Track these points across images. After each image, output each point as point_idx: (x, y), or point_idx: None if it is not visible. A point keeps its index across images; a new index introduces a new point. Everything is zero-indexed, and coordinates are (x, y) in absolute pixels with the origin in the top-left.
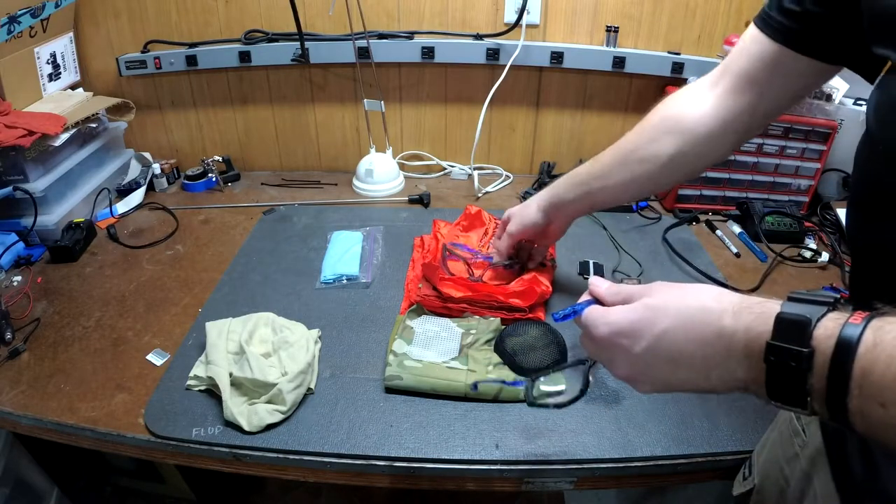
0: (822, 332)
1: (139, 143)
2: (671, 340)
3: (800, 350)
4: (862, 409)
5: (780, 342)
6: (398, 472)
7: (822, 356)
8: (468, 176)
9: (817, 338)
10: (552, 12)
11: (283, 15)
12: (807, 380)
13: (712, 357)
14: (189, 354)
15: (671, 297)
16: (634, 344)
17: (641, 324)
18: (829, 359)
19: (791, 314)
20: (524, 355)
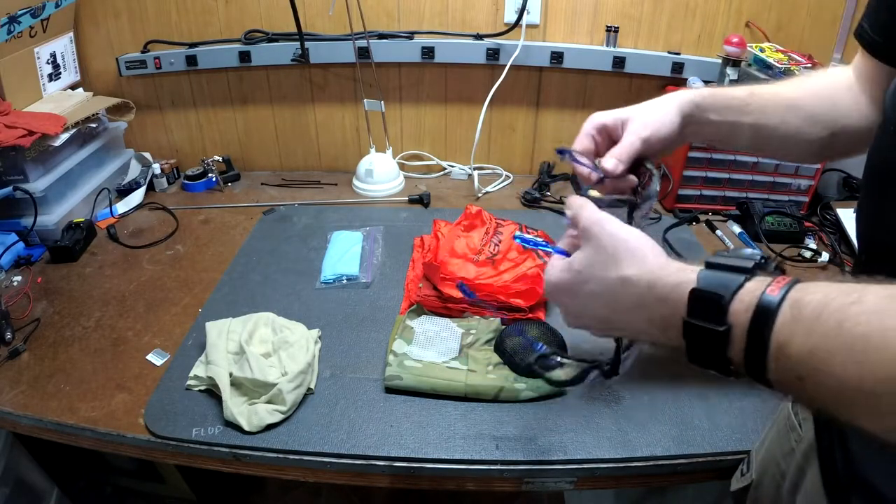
0: (738, 307)
1: (139, 143)
2: (598, 303)
3: (715, 328)
4: (780, 381)
5: (695, 319)
6: (398, 472)
7: (739, 330)
8: (468, 176)
9: (733, 312)
10: (552, 12)
11: (283, 15)
12: (726, 352)
13: (635, 322)
14: (189, 354)
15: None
16: (568, 303)
17: (572, 286)
18: (745, 333)
19: (705, 290)
20: (524, 355)
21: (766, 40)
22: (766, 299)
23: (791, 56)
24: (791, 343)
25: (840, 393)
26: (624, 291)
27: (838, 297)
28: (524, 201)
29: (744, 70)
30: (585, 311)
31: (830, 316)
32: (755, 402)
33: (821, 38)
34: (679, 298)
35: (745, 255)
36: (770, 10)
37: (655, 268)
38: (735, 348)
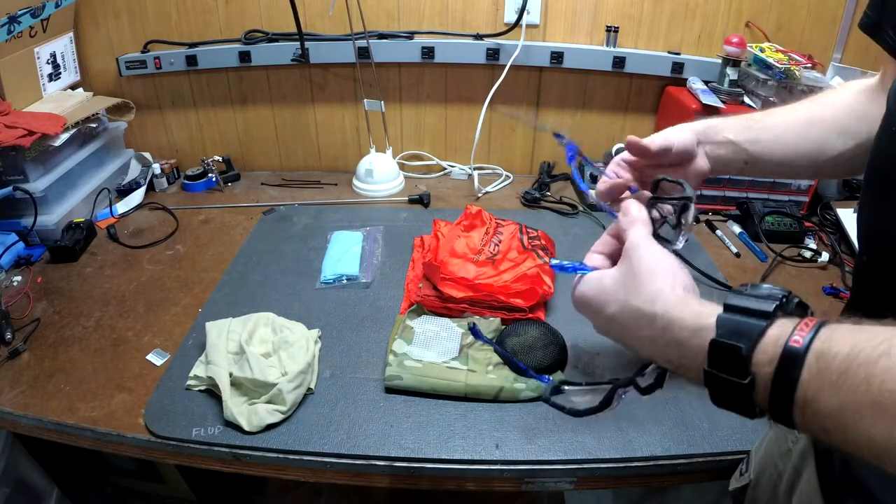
0: (761, 357)
1: (139, 143)
2: (618, 327)
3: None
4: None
5: (716, 370)
6: (398, 472)
7: (763, 381)
8: (468, 176)
9: (756, 363)
10: (552, 12)
11: (283, 15)
12: (750, 399)
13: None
14: (189, 354)
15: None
16: (595, 317)
17: (595, 303)
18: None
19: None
20: (524, 355)
21: (766, 40)
22: (790, 350)
23: (791, 56)
24: (818, 398)
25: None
26: (640, 323)
27: (865, 349)
28: (524, 201)
29: (744, 70)
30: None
31: (858, 370)
32: None
33: (821, 38)
34: (699, 346)
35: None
36: (770, 10)
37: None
38: (760, 395)
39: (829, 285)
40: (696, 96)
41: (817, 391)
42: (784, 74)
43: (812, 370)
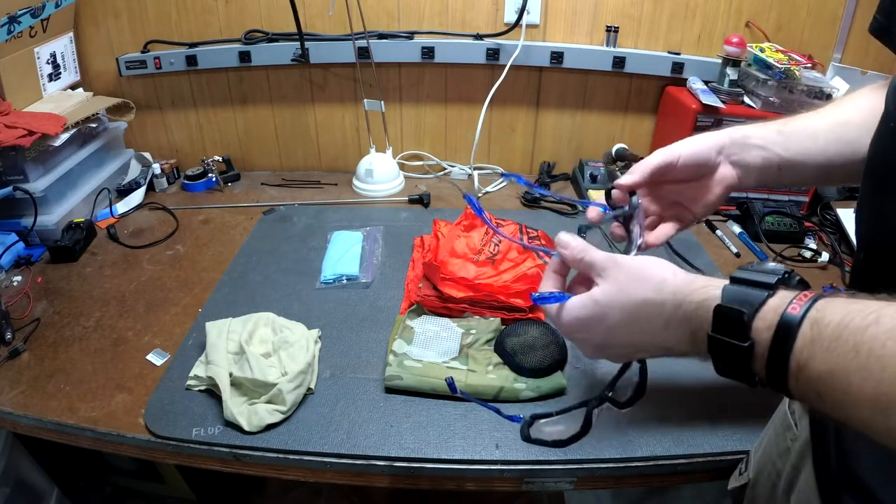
0: (760, 324)
1: (139, 143)
2: (622, 332)
3: (739, 344)
4: (801, 395)
5: (719, 335)
6: (398, 472)
7: (762, 347)
8: (468, 176)
9: (756, 329)
10: (552, 12)
11: (283, 15)
12: (750, 366)
13: (663, 342)
14: (189, 354)
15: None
16: (591, 336)
17: (592, 321)
18: (767, 350)
19: (729, 307)
20: (524, 355)
21: (766, 40)
22: (787, 317)
23: (791, 56)
24: (810, 363)
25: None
26: (649, 313)
27: (856, 318)
28: (524, 201)
29: (744, 70)
30: (609, 341)
31: (849, 337)
32: (755, 402)
33: (821, 38)
34: (705, 315)
35: (768, 270)
36: (770, 10)
37: (680, 286)
38: (758, 363)
39: (829, 285)
40: (696, 96)
41: (810, 357)
42: (784, 74)
43: (806, 337)
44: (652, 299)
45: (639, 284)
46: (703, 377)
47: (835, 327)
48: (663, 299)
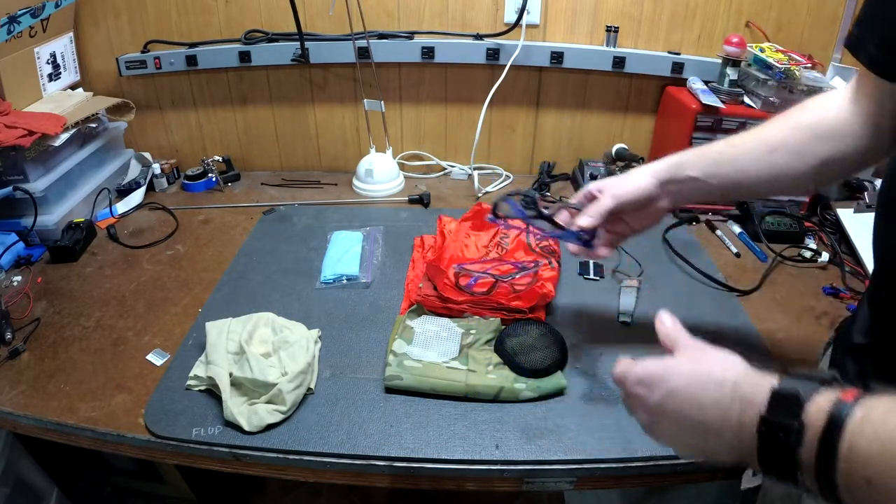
0: (813, 408)
1: (139, 143)
2: (677, 399)
3: (790, 423)
4: (849, 485)
5: (772, 416)
6: (398, 472)
7: (813, 430)
8: (468, 176)
9: (808, 413)
10: (552, 12)
11: (283, 15)
12: (797, 453)
13: (710, 423)
14: (189, 354)
15: (689, 361)
16: (650, 394)
17: (655, 378)
18: (819, 433)
19: (785, 389)
20: (524, 355)
21: (766, 40)
22: (840, 402)
23: (791, 56)
24: (859, 445)
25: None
26: (708, 385)
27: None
28: (524, 203)
29: (744, 70)
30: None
31: None
32: None
33: (821, 38)
34: (760, 398)
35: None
36: (770, 10)
37: (742, 371)
38: (806, 448)
39: (829, 285)
40: (696, 96)
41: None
42: (784, 74)
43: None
44: (715, 374)
45: (708, 361)
46: None
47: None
48: (725, 378)
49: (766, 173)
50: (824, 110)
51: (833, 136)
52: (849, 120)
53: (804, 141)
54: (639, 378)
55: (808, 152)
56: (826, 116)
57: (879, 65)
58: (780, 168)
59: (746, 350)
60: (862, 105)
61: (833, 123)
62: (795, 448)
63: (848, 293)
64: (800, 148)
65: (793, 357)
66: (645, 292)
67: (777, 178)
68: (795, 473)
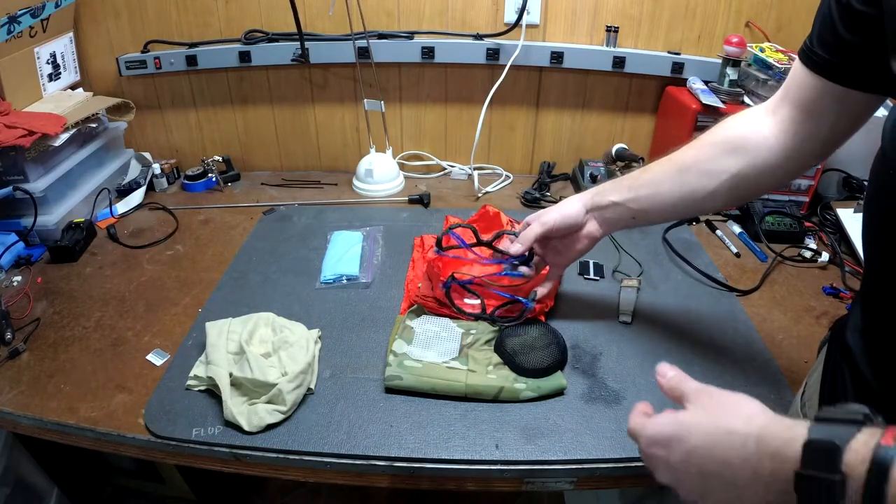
0: (852, 458)
1: (139, 143)
2: (700, 457)
3: (831, 479)
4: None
5: (809, 471)
6: (398, 472)
7: (855, 482)
8: (468, 176)
9: (848, 463)
10: (552, 12)
11: (283, 15)
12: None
13: (740, 479)
14: (189, 354)
15: (705, 414)
16: (669, 455)
17: (673, 439)
18: (863, 485)
19: (819, 440)
20: (524, 355)
21: (766, 40)
22: (882, 449)
23: (791, 56)
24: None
25: None
26: (730, 444)
27: None
28: (524, 201)
29: (744, 70)
30: (686, 466)
31: None
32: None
33: None
34: (792, 452)
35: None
36: (770, 10)
37: (765, 422)
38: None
39: (829, 285)
40: (696, 96)
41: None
42: (784, 74)
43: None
44: (738, 430)
45: (728, 414)
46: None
47: None
48: (748, 432)
49: (678, 192)
50: (739, 125)
51: (745, 149)
52: (764, 132)
53: (714, 157)
54: (653, 439)
55: (719, 168)
56: (740, 131)
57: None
58: (692, 186)
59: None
60: (783, 114)
61: (746, 137)
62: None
63: (848, 293)
64: (710, 165)
65: (793, 357)
66: (645, 292)
67: (690, 197)
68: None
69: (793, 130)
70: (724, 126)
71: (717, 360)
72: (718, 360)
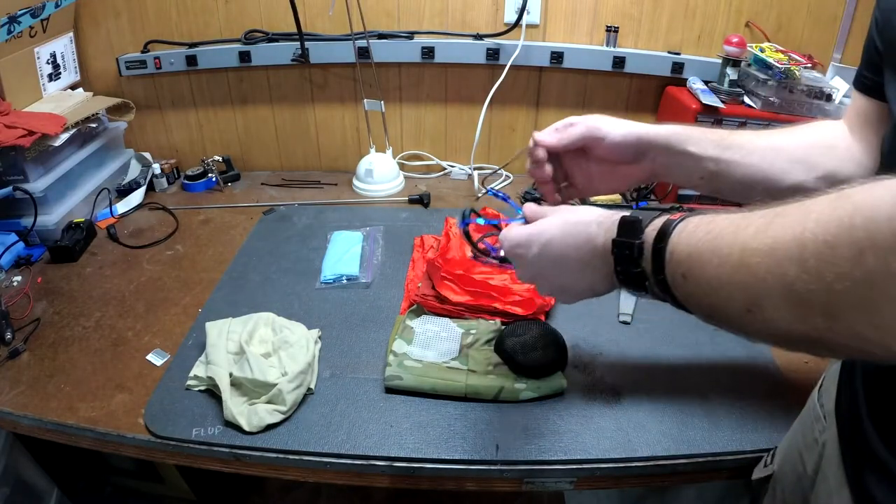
0: (650, 228)
1: (139, 143)
2: (555, 246)
3: (632, 241)
4: (674, 282)
5: (621, 237)
6: (398, 472)
7: (648, 245)
8: (468, 176)
9: (646, 232)
10: (552, 12)
11: (283, 15)
12: (639, 264)
13: (584, 258)
14: (189, 354)
15: (560, 214)
16: (528, 252)
17: (532, 236)
18: (651, 245)
19: (630, 218)
20: (524, 355)
21: (766, 40)
22: (668, 220)
23: (791, 56)
24: (677, 248)
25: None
26: (578, 227)
27: (720, 215)
28: (524, 201)
29: (744, 70)
30: (543, 257)
31: (708, 225)
32: (756, 402)
33: (821, 38)
34: (615, 227)
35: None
36: (770, 10)
37: (606, 213)
38: (646, 259)
39: None
40: (696, 96)
41: (677, 243)
42: (784, 74)
43: (678, 230)
44: (585, 219)
45: (577, 213)
46: (703, 377)
47: (698, 221)
48: (592, 219)
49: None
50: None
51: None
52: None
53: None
54: (515, 241)
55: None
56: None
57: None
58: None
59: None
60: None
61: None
62: (638, 259)
63: None
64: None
65: (793, 357)
66: None
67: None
68: (644, 283)
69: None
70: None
71: (718, 361)
72: (719, 361)
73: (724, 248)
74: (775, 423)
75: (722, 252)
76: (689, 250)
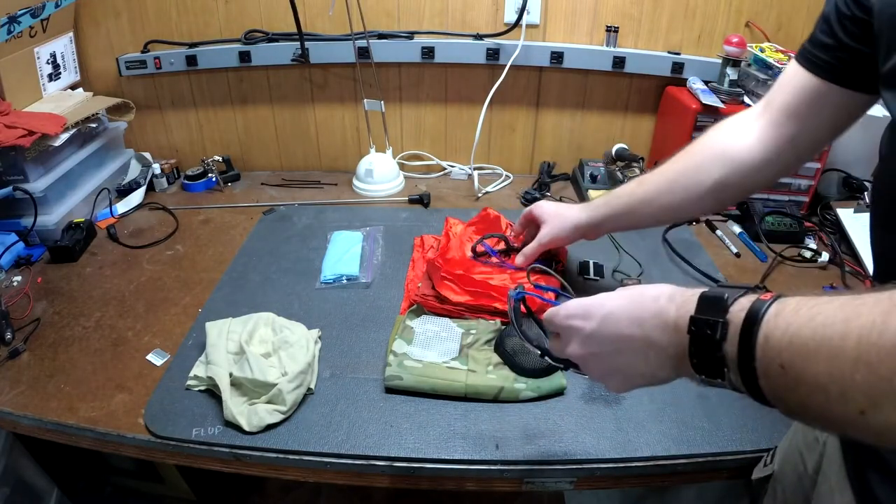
0: (735, 307)
1: (139, 143)
2: (616, 320)
3: (716, 320)
4: (766, 372)
5: (700, 315)
6: (398, 472)
7: (735, 326)
8: (468, 176)
9: (731, 311)
10: (552, 12)
11: (283, 15)
12: (721, 348)
13: (650, 335)
14: (189, 354)
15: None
16: (585, 325)
17: (592, 307)
18: (740, 327)
19: (712, 293)
20: (524, 355)
21: (766, 40)
22: (758, 302)
23: (791, 56)
24: (773, 335)
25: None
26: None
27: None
28: (524, 201)
29: (744, 70)
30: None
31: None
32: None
33: None
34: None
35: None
36: (770, 9)
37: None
38: (730, 342)
39: (829, 285)
40: (696, 96)
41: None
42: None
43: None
44: (651, 293)
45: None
46: None
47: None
48: (660, 292)
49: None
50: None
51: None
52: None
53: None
54: (572, 312)
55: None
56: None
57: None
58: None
59: None
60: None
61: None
62: (720, 343)
63: None
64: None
65: None
66: None
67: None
68: (723, 370)
69: (774, 134)
70: (711, 134)
71: None
72: None
73: (836, 339)
74: (775, 423)
75: (833, 343)
76: (789, 338)
